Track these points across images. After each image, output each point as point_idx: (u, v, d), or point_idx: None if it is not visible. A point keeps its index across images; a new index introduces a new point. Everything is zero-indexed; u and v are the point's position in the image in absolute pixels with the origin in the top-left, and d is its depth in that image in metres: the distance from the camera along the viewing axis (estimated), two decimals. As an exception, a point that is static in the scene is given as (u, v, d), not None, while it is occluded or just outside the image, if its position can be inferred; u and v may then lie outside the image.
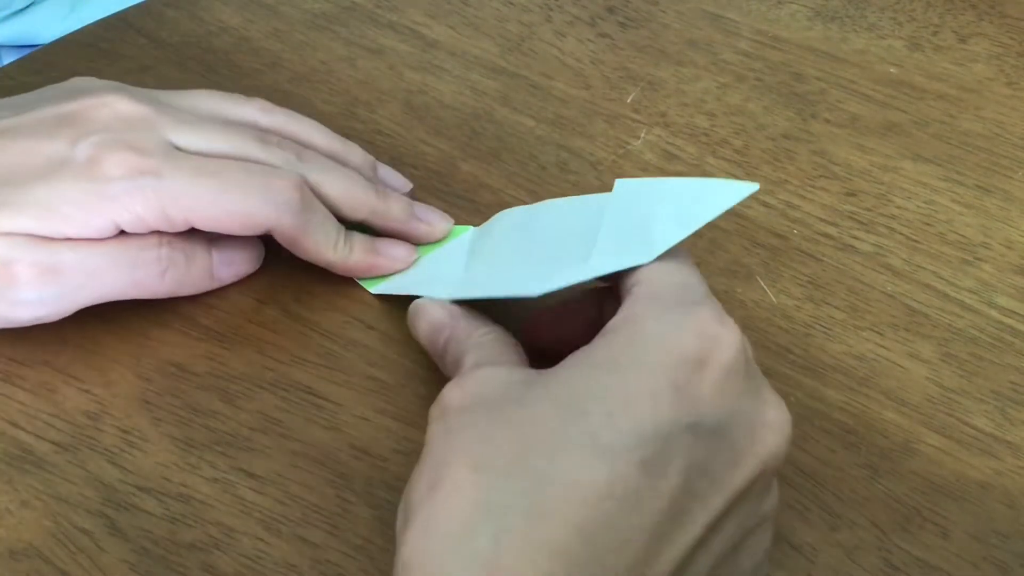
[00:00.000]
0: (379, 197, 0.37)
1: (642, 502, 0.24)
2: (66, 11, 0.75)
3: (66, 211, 0.32)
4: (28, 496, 0.32)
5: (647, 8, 0.53)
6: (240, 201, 0.34)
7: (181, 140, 0.34)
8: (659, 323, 0.27)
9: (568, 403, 0.25)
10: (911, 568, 0.30)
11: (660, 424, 0.24)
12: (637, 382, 0.25)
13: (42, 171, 0.32)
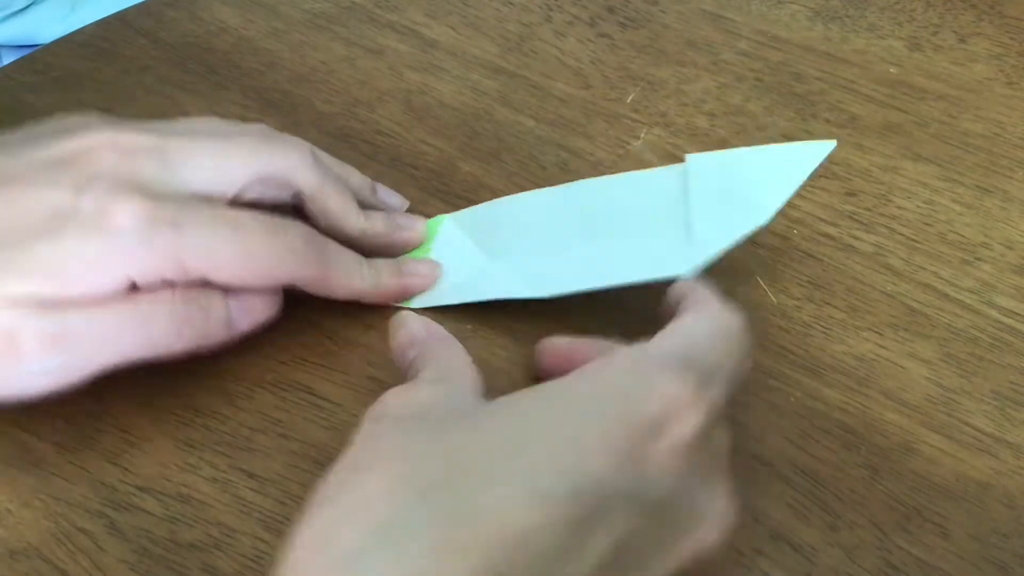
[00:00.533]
0: (360, 215, 0.36)
1: (561, 561, 0.22)
2: (66, 11, 0.75)
3: (75, 271, 0.29)
4: (28, 496, 0.32)
5: (647, 8, 0.53)
6: (263, 257, 0.32)
7: (189, 174, 0.32)
8: (630, 377, 0.26)
9: (511, 436, 0.24)
10: (911, 568, 0.30)
11: (603, 484, 0.23)
12: (588, 432, 0.24)
13: (45, 226, 0.30)
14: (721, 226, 0.34)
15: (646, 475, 0.24)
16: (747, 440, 0.33)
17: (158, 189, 0.31)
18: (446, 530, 0.22)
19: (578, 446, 0.23)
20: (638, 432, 0.24)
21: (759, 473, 0.32)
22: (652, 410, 0.25)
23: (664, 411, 0.25)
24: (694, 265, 0.33)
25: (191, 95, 0.47)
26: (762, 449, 0.33)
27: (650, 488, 0.24)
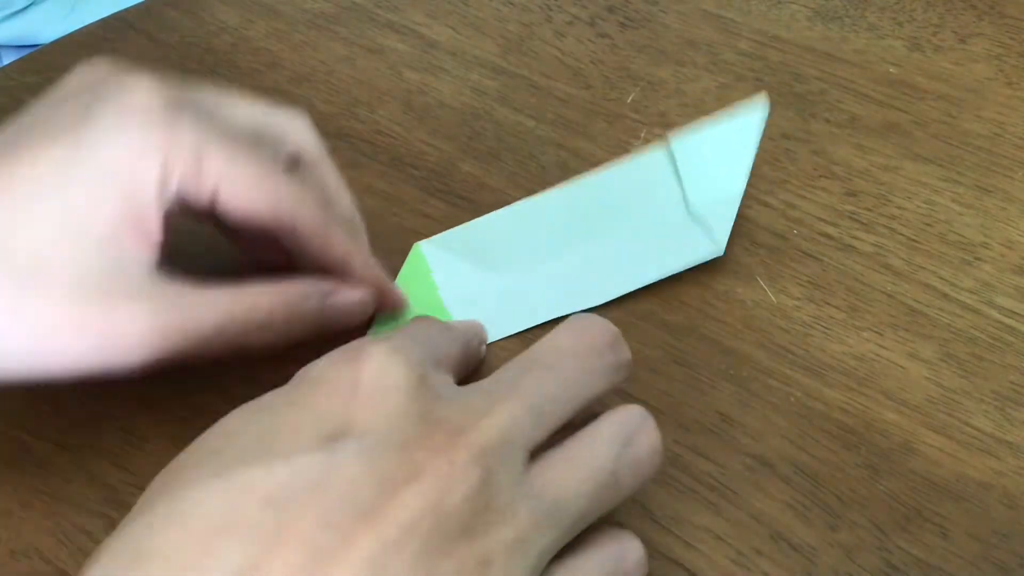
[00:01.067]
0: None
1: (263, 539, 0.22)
2: (66, 11, 0.75)
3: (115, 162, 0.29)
4: (28, 496, 0.32)
5: (647, 8, 0.53)
6: (275, 183, 0.31)
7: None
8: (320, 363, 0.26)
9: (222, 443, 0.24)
10: (911, 568, 0.30)
11: (301, 458, 0.23)
12: (280, 417, 0.24)
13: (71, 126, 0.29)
14: (719, 199, 0.37)
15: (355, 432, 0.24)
16: (747, 440, 0.33)
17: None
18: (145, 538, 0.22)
19: (274, 437, 0.24)
20: (333, 402, 0.24)
21: (759, 473, 0.33)
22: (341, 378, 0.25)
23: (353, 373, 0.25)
24: (723, 243, 0.37)
25: (191, 95, 0.47)
26: (762, 449, 0.33)
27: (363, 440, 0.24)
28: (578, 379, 0.27)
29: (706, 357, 0.36)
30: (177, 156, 0.29)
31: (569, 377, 0.27)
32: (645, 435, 0.27)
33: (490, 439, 0.24)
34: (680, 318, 0.37)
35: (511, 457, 0.24)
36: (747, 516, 0.31)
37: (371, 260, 0.34)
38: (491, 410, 0.25)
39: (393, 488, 0.23)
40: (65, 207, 0.29)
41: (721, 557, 0.30)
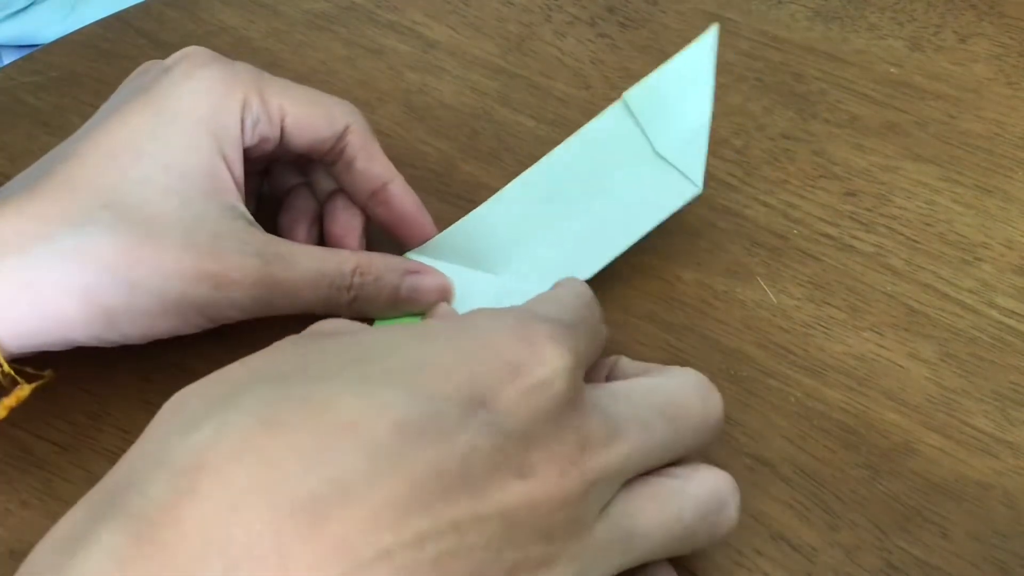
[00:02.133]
0: None
1: (390, 460, 0.22)
2: (66, 11, 0.75)
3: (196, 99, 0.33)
4: (28, 496, 0.32)
5: (647, 8, 0.53)
6: (330, 104, 0.36)
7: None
8: (491, 320, 0.25)
9: (366, 349, 0.24)
10: (911, 568, 0.30)
11: (437, 405, 0.23)
12: (438, 360, 0.24)
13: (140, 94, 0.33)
14: (686, 137, 0.36)
15: (496, 409, 0.23)
16: (747, 440, 0.33)
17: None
18: (272, 409, 0.22)
19: (422, 370, 0.23)
20: (492, 371, 0.24)
21: (759, 473, 0.32)
22: (510, 350, 0.24)
23: (521, 352, 0.24)
24: (700, 179, 0.36)
25: (191, 95, 0.47)
26: (762, 449, 0.33)
27: (499, 420, 0.23)
28: (691, 440, 0.27)
29: (706, 357, 0.36)
30: (246, 92, 0.33)
31: (683, 435, 0.27)
32: (731, 509, 0.27)
33: (604, 467, 0.24)
34: (680, 318, 0.37)
35: (612, 484, 0.25)
36: (747, 516, 0.31)
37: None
38: (615, 441, 0.25)
39: (504, 475, 0.23)
40: (166, 161, 0.31)
41: (721, 557, 0.30)
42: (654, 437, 0.26)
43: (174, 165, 0.31)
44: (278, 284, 0.32)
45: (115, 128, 0.32)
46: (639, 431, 0.25)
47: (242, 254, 0.31)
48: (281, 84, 0.35)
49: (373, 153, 0.36)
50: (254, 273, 0.31)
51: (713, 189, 0.42)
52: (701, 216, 0.41)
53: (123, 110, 0.32)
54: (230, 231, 0.31)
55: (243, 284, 0.31)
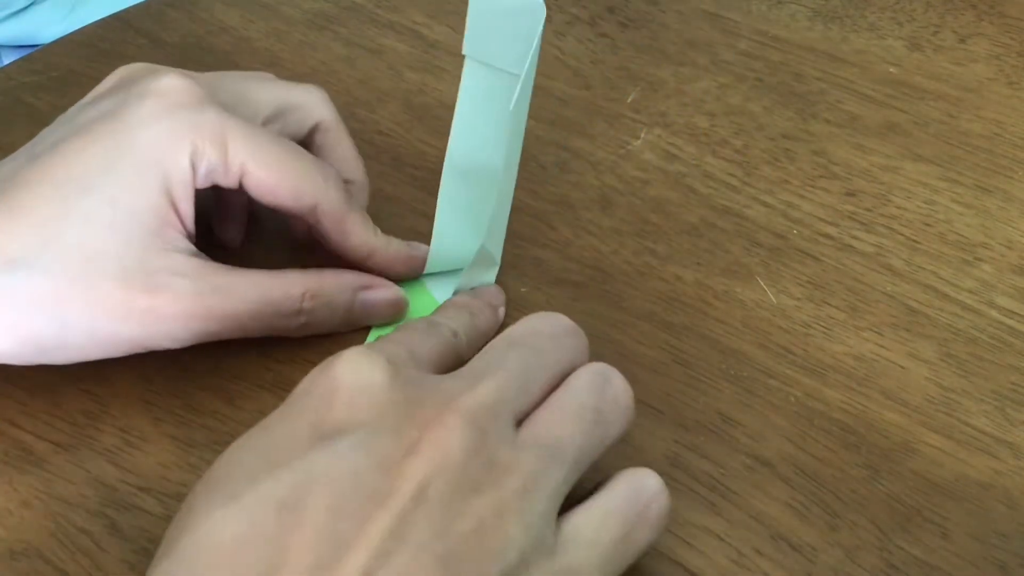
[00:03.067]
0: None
1: (283, 540, 0.23)
2: (66, 11, 0.75)
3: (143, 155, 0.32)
4: (28, 496, 0.32)
5: (647, 8, 0.53)
6: (298, 169, 0.33)
7: (221, 96, 0.34)
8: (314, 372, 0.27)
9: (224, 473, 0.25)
10: (911, 568, 0.30)
11: (297, 464, 0.24)
12: (277, 436, 0.25)
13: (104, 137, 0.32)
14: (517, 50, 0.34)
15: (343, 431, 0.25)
16: (747, 440, 0.33)
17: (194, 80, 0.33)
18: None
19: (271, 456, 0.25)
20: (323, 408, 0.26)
21: (759, 473, 0.32)
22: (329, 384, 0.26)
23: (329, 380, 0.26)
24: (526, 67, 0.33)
25: (191, 95, 0.47)
26: (762, 449, 0.33)
27: (353, 435, 0.25)
28: (554, 354, 0.29)
29: (706, 357, 0.36)
30: (204, 140, 0.32)
31: (546, 351, 0.29)
32: (616, 378, 0.29)
33: (479, 404, 0.26)
34: (680, 318, 0.37)
35: (502, 419, 0.26)
36: (747, 516, 0.31)
37: (389, 240, 0.36)
38: (476, 384, 0.26)
39: (395, 466, 0.24)
40: (112, 200, 0.31)
41: (721, 557, 0.30)
42: (523, 363, 0.28)
43: (120, 202, 0.31)
44: (214, 316, 0.32)
45: (70, 156, 0.31)
46: (498, 367, 0.27)
47: (175, 290, 0.31)
48: (253, 142, 0.33)
49: (348, 230, 0.35)
50: (189, 308, 0.31)
51: (713, 189, 0.42)
52: (701, 216, 0.41)
53: (82, 136, 0.32)
54: (167, 266, 0.31)
55: (177, 319, 0.31)
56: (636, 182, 0.43)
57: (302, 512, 0.23)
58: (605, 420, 0.28)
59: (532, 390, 0.27)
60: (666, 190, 0.42)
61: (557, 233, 0.40)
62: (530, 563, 0.24)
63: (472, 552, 0.23)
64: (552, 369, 0.28)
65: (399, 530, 0.23)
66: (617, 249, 0.40)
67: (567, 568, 0.24)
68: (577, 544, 0.25)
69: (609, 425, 0.28)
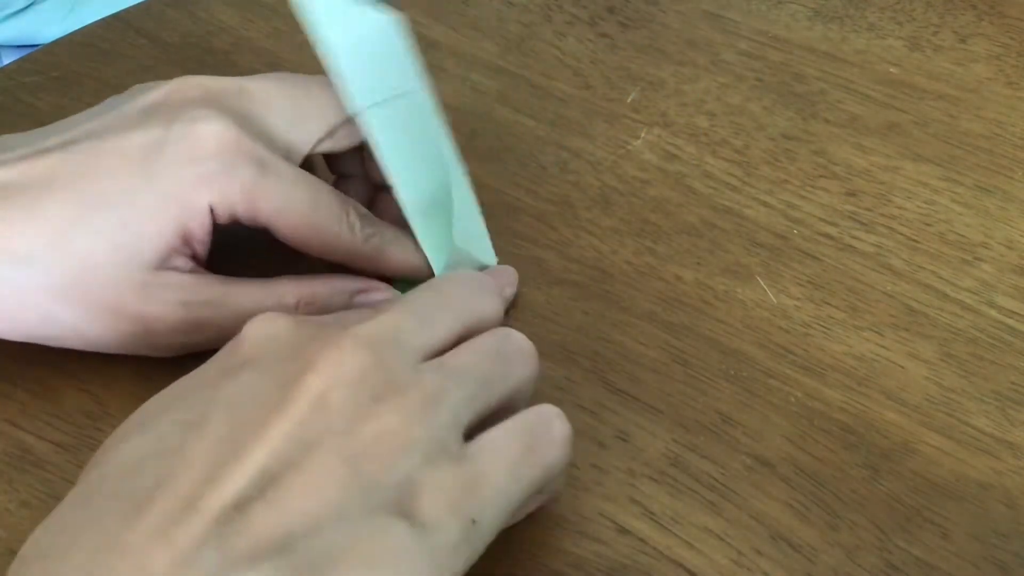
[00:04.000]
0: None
1: (183, 450, 0.24)
2: (66, 11, 0.75)
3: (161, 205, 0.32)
4: (28, 496, 0.32)
5: (647, 8, 0.53)
6: (328, 226, 0.34)
7: (272, 119, 0.34)
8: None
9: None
10: (911, 568, 0.30)
11: (204, 392, 0.25)
12: (191, 379, 0.27)
13: (137, 167, 0.32)
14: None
15: (246, 363, 0.26)
16: (747, 440, 0.33)
17: (241, 122, 0.33)
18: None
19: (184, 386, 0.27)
20: (232, 353, 0.27)
21: (759, 473, 0.32)
22: (241, 337, 0.27)
23: (248, 329, 0.27)
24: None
25: (191, 95, 0.47)
26: (762, 449, 0.33)
27: (255, 363, 0.26)
28: (460, 294, 0.30)
29: (706, 357, 0.36)
30: (230, 196, 0.32)
31: (450, 292, 0.30)
32: (516, 334, 0.29)
33: (376, 331, 0.26)
34: (680, 318, 0.37)
35: (402, 349, 0.26)
36: (747, 516, 0.31)
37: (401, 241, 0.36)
38: (374, 315, 0.27)
39: (292, 381, 0.25)
40: (124, 223, 0.31)
41: (721, 557, 0.30)
42: (424, 301, 0.29)
43: (132, 226, 0.31)
44: (205, 329, 0.33)
45: (101, 170, 0.32)
46: (402, 304, 0.28)
47: (166, 303, 0.32)
48: (281, 198, 0.33)
49: (383, 263, 0.36)
50: (179, 320, 0.32)
51: (713, 189, 0.42)
52: (701, 216, 0.41)
53: (117, 154, 0.32)
54: (161, 281, 0.32)
55: (164, 332, 0.32)
56: (636, 182, 0.43)
57: (204, 427, 0.24)
58: (507, 359, 0.28)
59: (437, 328, 0.28)
60: (666, 190, 0.42)
61: (557, 233, 0.40)
62: (435, 465, 0.24)
63: (376, 452, 0.24)
64: (458, 313, 0.29)
65: (299, 433, 0.24)
66: (617, 249, 0.40)
67: (473, 473, 0.25)
68: (482, 454, 0.26)
69: (512, 363, 0.28)
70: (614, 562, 0.30)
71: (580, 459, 0.33)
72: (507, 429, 0.27)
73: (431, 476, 0.24)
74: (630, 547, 0.31)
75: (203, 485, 0.23)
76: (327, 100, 0.36)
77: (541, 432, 0.27)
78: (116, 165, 0.32)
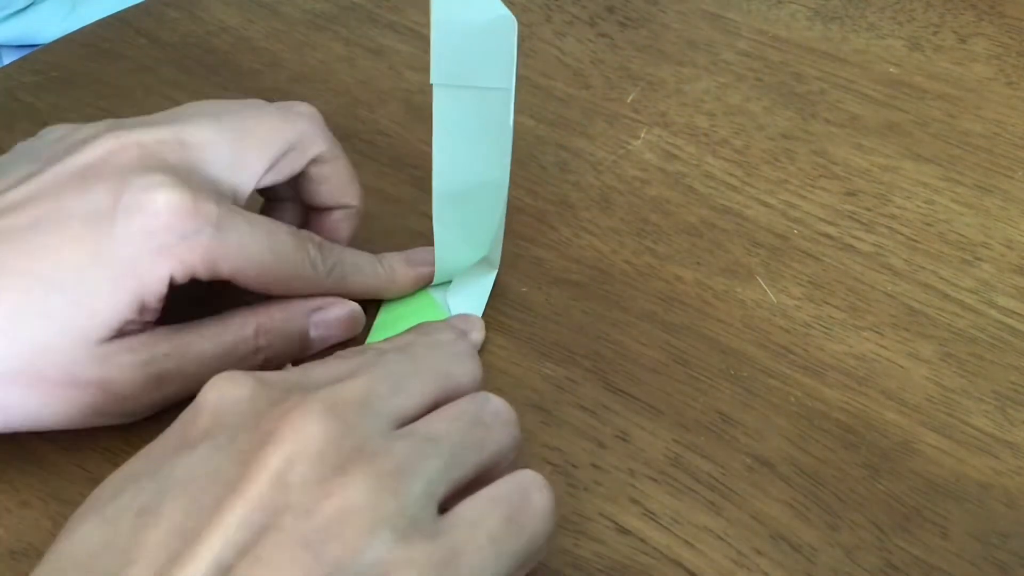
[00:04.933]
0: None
1: (136, 541, 0.22)
2: (66, 11, 0.75)
3: (121, 283, 0.30)
4: (28, 496, 0.32)
5: (647, 8, 0.53)
6: (291, 270, 0.33)
7: (211, 167, 0.32)
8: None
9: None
10: (911, 568, 0.30)
11: (158, 471, 0.24)
12: (148, 453, 0.25)
13: (88, 239, 0.30)
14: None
15: (205, 438, 0.25)
16: (747, 440, 0.33)
17: (189, 181, 0.31)
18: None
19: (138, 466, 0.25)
20: (187, 425, 0.25)
21: (759, 473, 0.32)
22: (196, 403, 0.26)
23: (203, 395, 0.26)
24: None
25: (191, 95, 0.47)
26: (762, 449, 0.33)
27: (216, 439, 0.24)
28: (435, 357, 0.28)
29: (706, 357, 0.36)
30: (193, 261, 0.31)
31: (425, 355, 0.28)
32: (496, 399, 0.28)
33: (344, 396, 0.25)
34: (680, 318, 0.37)
35: (372, 415, 0.25)
36: (747, 516, 0.31)
37: (393, 270, 0.36)
38: (343, 380, 0.26)
39: (251, 455, 0.23)
40: (77, 303, 0.30)
41: (721, 557, 0.30)
42: (395, 366, 0.27)
43: (86, 306, 0.30)
44: (168, 382, 0.32)
45: (50, 250, 0.30)
46: (371, 367, 0.26)
47: (122, 367, 0.31)
48: (242, 259, 0.31)
49: (348, 290, 0.35)
50: (141, 381, 0.31)
51: (713, 189, 0.42)
52: (701, 216, 0.41)
53: (63, 231, 0.30)
54: (116, 348, 0.30)
55: (128, 395, 0.31)
56: (636, 182, 0.43)
57: (158, 514, 0.23)
58: (484, 425, 0.27)
59: (410, 393, 0.26)
60: (666, 190, 0.42)
61: (557, 233, 0.40)
62: (408, 542, 0.23)
63: (341, 532, 0.22)
64: (433, 377, 0.27)
65: (255, 517, 0.22)
66: (617, 249, 0.40)
67: (450, 549, 0.23)
68: (460, 526, 0.24)
69: (489, 430, 0.27)
70: (614, 562, 0.30)
71: (580, 459, 0.33)
72: (485, 499, 0.25)
73: (403, 555, 0.22)
74: (630, 547, 0.31)
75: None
76: (264, 132, 0.34)
77: (522, 501, 0.25)
78: (62, 241, 0.30)
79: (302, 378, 0.27)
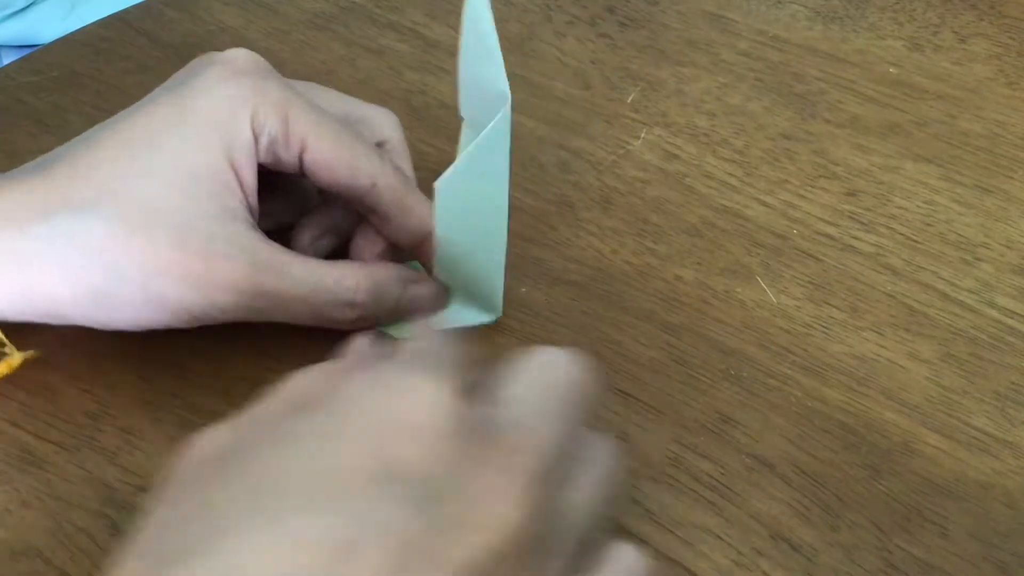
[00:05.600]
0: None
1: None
2: (66, 11, 0.75)
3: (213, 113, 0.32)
4: (28, 496, 0.32)
5: (647, 8, 0.53)
6: (358, 149, 0.34)
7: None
8: (370, 388, 0.24)
9: (261, 482, 0.22)
10: (911, 568, 0.30)
11: (357, 504, 0.21)
12: (337, 456, 0.22)
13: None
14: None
15: (408, 478, 0.22)
16: (747, 440, 0.33)
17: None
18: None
19: (330, 480, 0.22)
20: (389, 440, 0.22)
21: (759, 473, 0.33)
22: (398, 413, 0.23)
23: (410, 406, 0.23)
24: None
25: (191, 95, 0.47)
26: (762, 449, 0.33)
27: (415, 487, 0.22)
28: (570, 409, 0.26)
29: (706, 357, 0.36)
30: (266, 110, 0.32)
31: (566, 405, 0.26)
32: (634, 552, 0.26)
33: (536, 468, 0.23)
34: (680, 318, 0.37)
35: (550, 483, 0.23)
36: (747, 516, 0.31)
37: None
38: (532, 439, 0.24)
39: (452, 530, 0.21)
40: (174, 158, 0.31)
41: (721, 557, 0.30)
42: (566, 426, 0.25)
43: (183, 162, 0.31)
44: (265, 294, 0.32)
45: (139, 120, 0.32)
46: (553, 424, 0.24)
47: (231, 259, 0.31)
48: (314, 116, 0.33)
49: (409, 206, 0.35)
50: (241, 280, 0.31)
51: (713, 189, 0.42)
52: (701, 216, 0.41)
53: (152, 103, 0.33)
54: (225, 234, 0.31)
55: (228, 289, 0.31)
56: (636, 182, 0.43)
57: (354, 567, 0.20)
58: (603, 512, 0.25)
59: (569, 444, 0.25)
60: (666, 190, 0.42)
61: (557, 233, 0.40)
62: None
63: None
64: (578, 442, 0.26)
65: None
66: (617, 249, 0.40)
67: None
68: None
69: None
70: (614, 562, 0.30)
71: (580, 459, 0.33)
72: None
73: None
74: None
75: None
76: (344, 99, 0.36)
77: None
78: (153, 113, 0.32)
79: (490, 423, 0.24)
